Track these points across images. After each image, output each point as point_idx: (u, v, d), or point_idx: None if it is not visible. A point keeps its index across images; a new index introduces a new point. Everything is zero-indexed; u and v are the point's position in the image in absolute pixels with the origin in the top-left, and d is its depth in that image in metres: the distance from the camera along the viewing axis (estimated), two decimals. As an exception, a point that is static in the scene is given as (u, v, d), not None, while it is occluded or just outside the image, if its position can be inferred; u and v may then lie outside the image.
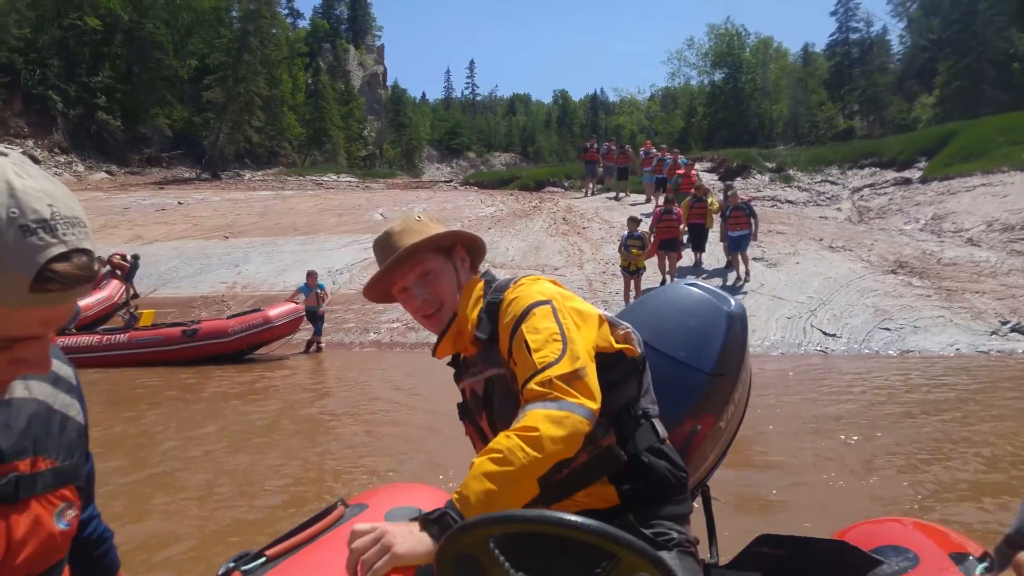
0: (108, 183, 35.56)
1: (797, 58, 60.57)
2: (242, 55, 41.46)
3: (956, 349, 9.85)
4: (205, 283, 16.94)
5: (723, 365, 1.78)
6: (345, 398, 8.59)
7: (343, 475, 5.16)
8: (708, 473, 1.90)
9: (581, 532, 0.94)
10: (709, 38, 53.45)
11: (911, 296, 11.93)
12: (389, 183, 37.63)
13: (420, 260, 1.54)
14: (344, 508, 1.65)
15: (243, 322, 11.90)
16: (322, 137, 51.86)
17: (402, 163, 62.94)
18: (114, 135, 41.44)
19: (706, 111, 52.89)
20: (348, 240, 19.15)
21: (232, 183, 37.05)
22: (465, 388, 1.62)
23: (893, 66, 53.62)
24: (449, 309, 1.55)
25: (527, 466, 1.18)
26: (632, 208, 18.51)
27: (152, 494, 4.76)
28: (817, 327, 11.12)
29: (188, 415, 7.58)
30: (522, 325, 1.38)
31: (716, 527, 1.92)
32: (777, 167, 28.49)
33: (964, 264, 13.41)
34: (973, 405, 6.66)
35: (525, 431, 1.20)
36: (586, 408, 1.25)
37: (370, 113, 68.66)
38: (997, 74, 40.99)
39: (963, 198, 19.33)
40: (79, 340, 11.85)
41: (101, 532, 1.27)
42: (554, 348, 1.32)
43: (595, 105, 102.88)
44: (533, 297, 1.43)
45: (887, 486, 4.45)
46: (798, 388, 7.95)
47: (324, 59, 63.27)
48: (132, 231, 22.07)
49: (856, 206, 22.83)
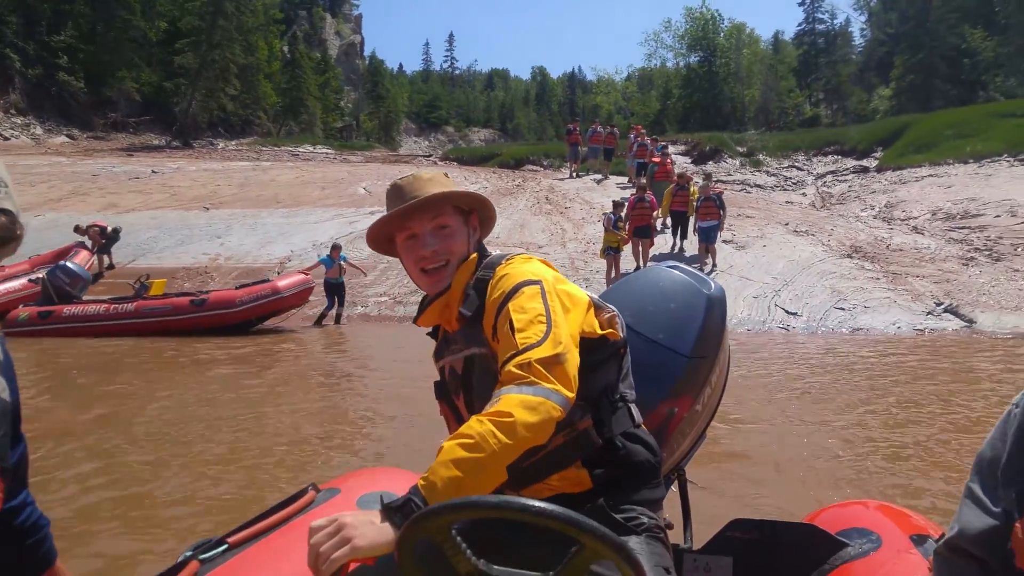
0: (70, 148, 34.56)
1: (768, 45, 61.82)
2: (217, 20, 40.47)
3: (897, 328, 10.94)
4: (187, 254, 16.93)
5: (702, 348, 1.80)
6: (337, 376, 8.66)
7: (320, 457, 5.04)
8: (685, 457, 1.90)
9: (543, 518, 0.93)
10: (686, 21, 53.73)
11: (863, 279, 12.93)
12: (367, 156, 37.39)
13: (442, 212, 1.51)
14: (315, 493, 1.65)
15: (251, 292, 11.87)
16: (298, 107, 51.30)
17: (379, 136, 62.62)
18: (76, 97, 40.30)
19: (681, 93, 53.29)
20: (332, 214, 19.49)
21: (205, 152, 36.48)
22: (444, 366, 1.59)
23: (855, 57, 54.74)
24: (452, 270, 1.51)
25: (497, 453, 1.16)
26: (617, 191, 19.32)
27: (115, 472, 4.62)
28: (780, 306, 12.11)
29: (169, 387, 7.55)
30: (509, 303, 1.37)
31: (691, 512, 1.94)
32: (748, 151, 29.19)
33: (908, 250, 14.49)
34: (922, 382, 7.25)
35: (498, 416, 1.19)
36: (562, 395, 1.24)
37: (346, 84, 68.31)
38: (948, 69, 42.20)
39: (912, 188, 20.45)
40: (86, 308, 11.88)
41: (36, 520, 1.18)
42: (537, 330, 1.31)
43: (573, 83, 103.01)
44: (524, 275, 1.42)
45: (854, 467, 4.68)
46: (768, 366, 8.45)
47: (300, 27, 62.63)
48: (105, 199, 21.73)
49: (820, 192, 23.74)
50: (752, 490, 4.27)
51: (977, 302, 11.49)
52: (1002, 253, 13.68)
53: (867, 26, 57.15)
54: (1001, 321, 10.70)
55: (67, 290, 12.29)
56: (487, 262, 1.52)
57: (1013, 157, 20.57)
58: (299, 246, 16.93)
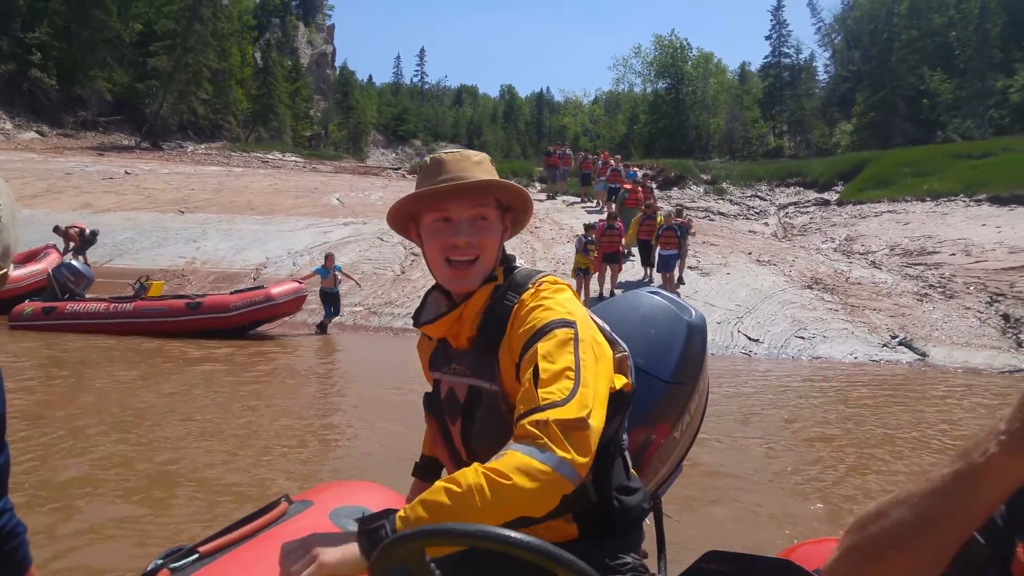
0: (40, 144, 34.53)
1: (735, 75, 63.28)
2: (192, 25, 40.74)
3: (855, 358, 11.46)
4: (163, 256, 17.10)
5: (681, 374, 1.77)
6: (323, 385, 8.80)
7: (296, 468, 5.05)
8: (661, 485, 1.85)
9: (520, 549, 0.91)
10: (655, 48, 55.08)
11: (823, 310, 13.40)
12: (336, 166, 37.58)
13: (486, 202, 1.41)
14: (288, 504, 1.64)
15: (245, 298, 12.13)
16: (269, 114, 51.39)
17: (348, 146, 62.73)
18: (48, 94, 40.03)
19: (648, 119, 54.31)
20: (307, 223, 19.64)
21: (175, 154, 36.45)
22: (441, 382, 1.48)
23: (818, 92, 56.19)
24: (480, 269, 1.40)
25: (481, 511, 1.08)
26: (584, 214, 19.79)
27: (89, 477, 4.63)
28: (743, 332, 12.53)
29: (153, 388, 7.60)
30: (538, 343, 1.25)
31: (665, 540, 1.89)
32: (712, 179, 29.58)
33: (867, 284, 15.06)
34: (885, 413, 7.52)
35: (495, 475, 1.10)
36: (574, 468, 1.13)
37: (316, 93, 68.16)
38: (908, 109, 43.61)
39: (872, 223, 21.10)
40: (88, 306, 12.17)
41: (13, 527, 1.19)
42: (563, 386, 1.19)
43: (541, 103, 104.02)
44: (557, 313, 1.29)
45: (830, 502, 4.70)
46: (740, 392, 8.73)
47: (272, 34, 62.54)
48: (80, 198, 21.81)
49: (782, 222, 24.20)
50: (726, 519, 4.22)
51: (930, 336, 12.07)
52: (955, 291, 14.32)
53: (831, 62, 59.21)
54: (952, 356, 11.26)
55: (71, 287, 12.55)
56: (511, 281, 1.41)
57: (969, 197, 21.26)
58: (274, 253, 17.03)
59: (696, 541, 3.46)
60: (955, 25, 46.38)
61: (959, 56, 43.93)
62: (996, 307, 13.14)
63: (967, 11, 45.79)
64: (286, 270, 15.82)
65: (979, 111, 41.71)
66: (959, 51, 44.19)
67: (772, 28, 56.92)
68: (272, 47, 56.07)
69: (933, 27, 47.36)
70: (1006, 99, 40.66)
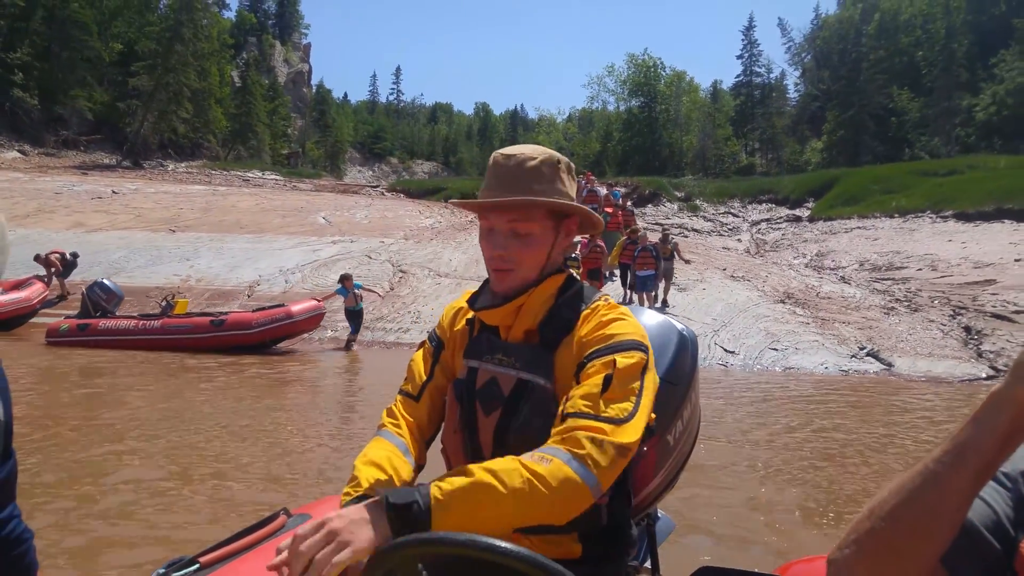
0: (22, 163, 34.77)
1: (707, 93, 64.50)
2: (174, 45, 41.19)
3: (825, 368, 12.11)
4: (158, 274, 17.40)
5: (674, 375, 1.77)
6: (333, 399, 8.97)
7: (299, 483, 5.10)
8: (653, 499, 1.80)
9: (515, 560, 0.92)
10: (628, 66, 56.22)
11: (795, 323, 13.99)
12: (316, 184, 38.14)
13: (530, 217, 1.37)
14: (287, 518, 1.67)
15: (267, 316, 12.60)
16: (247, 133, 51.81)
17: (326, 164, 63.05)
18: (29, 114, 40.43)
19: (622, 136, 55.21)
20: (296, 242, 20.02)
21: (157, 173, 36.67)
22: (479, 370, 1.42)
23: (789, 110, 57.56)
24: (518, 279, 1.39)
25: (514, 515, 1.10)
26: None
27: (94, 485, 4.69)
28: (720, 345, 13.13)
29: (170, 400, 7.81)
30: (618, 355, 1.26)
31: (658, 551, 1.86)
32: (685, 196, 30.08)
33: (836, 298, 15.75)
34: (866, 424, 7.67)
35: (539, 482, 1.11)
36: (601, 488, 1.16)
37: (293, 111, 68.47)
38: (877, 127, 44.89)
39: (842, 238, 21.75)
40: (119, 323, 12.77)
41: (20, 532, 1.22)
42: (625, 407, 1.21)
43: (515, 121, 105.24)
44: (637, 334, 1.31)
45: (823, 517, 4.66)
46: (730, 400, 8.98)
47: (249, 53, 62.86)
48: (71, 217, 22.06)
49: (754, 238, 24.71)
50: (717, 532, 4.26)
51: (895, 348, 12.75)
52: (920, 304, 15.07)
53: (801, 81, 60.84)
54: (916, 365, 11.94)
55: (103, 305, 13.22)
56: (578, 292, 1.42)
57: (935, 214, 21.98)
58: (266, 271, 17.37)
59: (686, 553, 3.59)
60: (922, 45, 47.99)
61: (926, 75, 45.28)
62: (959, 320, 13.88)
63: (934, 32, 47.36)
64: (279, 287, 16.16)
65: (946, 129, 42.96)
66: (926, 70, 45.58)
67: (743, 48, 58.63)
68: (251, 66, 56.43)
69: (901, 47, 49.08)
70: (972, 118, 41.85)
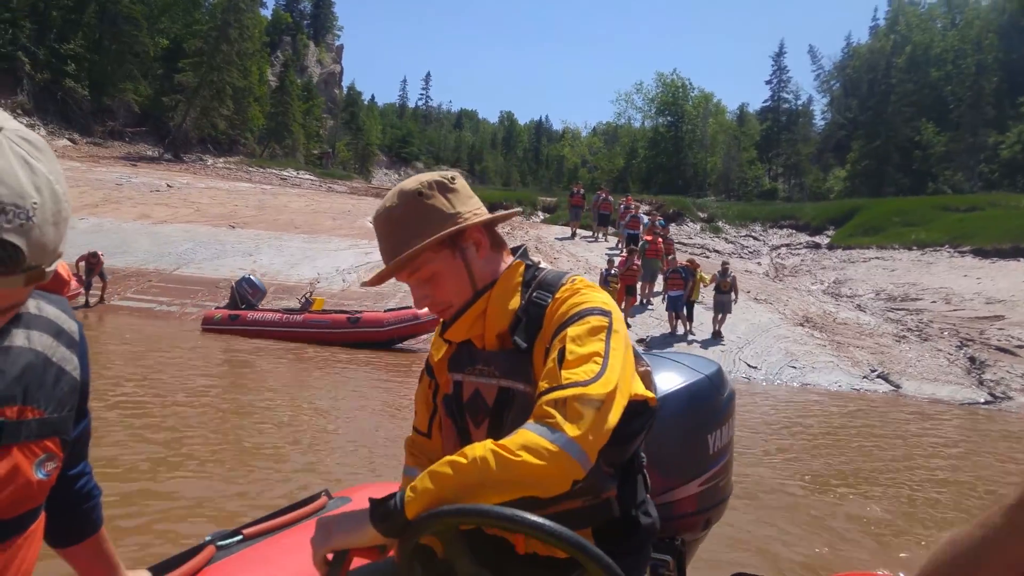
0: (72, 151, 35.95)
1: (734, 116, 65.21)
2: (220, 44, 42.42)
3: (839, 386, 13.19)
4: (224, 267, 18.32)
5: (718, 385, 1.84)
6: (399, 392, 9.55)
7: (349, 463, 5.37)
8: (694, 515, 1.78)
9: (553, 538, 0.92)
10: (657, 85, 56.64)
11: (812, 344, 14.99)
12: (349, 186, 39.15)
13: (422, 263, 1.30)
14: (327, 499, 1.76)
15: (397, 316, 13.57)
16: (283, 132, 52.91)
17: (355, 166, 64.36)
18: (80, 104, 41.60)
19: (647, 154, 55.61)
20: (348, 243, 21.03)
21: (198, 167, 37.94)
22: (463, 383, 1.37)
23: (815, 137, 58.02)
24: (451, 305, 1.33)
25: (485, 486, 1.06)
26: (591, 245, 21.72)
27: (168, 458, 5.00)
28: (744, 360, 14.19)
29: (289, 387, 8.50)
30: (569, 328, 1.21)
31: (688, 553, 1.84)
32: (708, 217, 30.44)
33: (852, 324, 16.69)
34: (889, 440, 8.27)
35: (503, 450, 1.08)
36: (582, 449, 1.08)
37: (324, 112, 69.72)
38: (901, 159, 45.23)
39: (860, 268, 22.43)
40: (265, 315, 14.08)
41: (90, 489, 1.28)
42: (589, 369, 1.15)
43: (540, 132, 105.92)
44: (594, 303, 1.25)
45: (864, 531, 4.69)
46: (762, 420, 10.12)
47: (284, 52, 64.28)
48: (137, 209, 23.25)
49: (774, 263, 25.30)
50: (746, 540, 4.33)
51: (904, 372, 13.82)
52: (930, 334, 16.05)
53: (828, 109, 61.35)
54: (921, 388, 13.02)
55: (248, 298, 14.50)
56: (541, 280, 1.33)
57: (954, 249, 22.36)
58: (324, 270, 18.52)
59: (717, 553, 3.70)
60: (951, 80, 48.19)
61: (953, 110, 45.55)
62: (965, 351, 14.91)
63: (964, 67, 47.64)
64: (337, 286, 17.28)
65: (970, 165, 43.19)
66: (954, 105, 45.86)
67: (773, 73, 59.45)
68: (289, 66, 57.83)
69: (930, 81, 49.22)
70: (997, 155, 42.08)
